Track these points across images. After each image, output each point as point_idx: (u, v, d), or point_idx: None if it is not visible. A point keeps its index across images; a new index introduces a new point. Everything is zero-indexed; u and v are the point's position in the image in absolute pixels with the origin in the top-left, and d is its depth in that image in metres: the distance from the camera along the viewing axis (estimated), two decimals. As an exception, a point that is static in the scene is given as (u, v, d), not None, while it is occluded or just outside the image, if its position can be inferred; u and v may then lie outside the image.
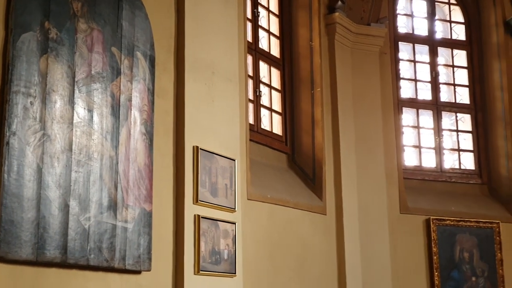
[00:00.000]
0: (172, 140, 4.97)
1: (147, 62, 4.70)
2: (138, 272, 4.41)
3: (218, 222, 5.15)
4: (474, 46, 9.15)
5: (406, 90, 8.83)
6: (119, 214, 4.24)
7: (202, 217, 4.97)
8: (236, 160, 5.43)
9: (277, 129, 7.34)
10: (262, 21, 7.31)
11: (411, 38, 9.00)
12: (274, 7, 7.58)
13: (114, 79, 4.37)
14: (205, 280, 4.92)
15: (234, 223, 5.32)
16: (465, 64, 9.18)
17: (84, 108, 4.11)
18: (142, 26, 4.69)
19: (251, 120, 6.67)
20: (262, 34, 7.29)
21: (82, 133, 4.07)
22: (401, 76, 8.76)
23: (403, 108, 8.67)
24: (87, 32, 4.21)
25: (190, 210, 4.91)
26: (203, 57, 5.27)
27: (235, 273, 5.23)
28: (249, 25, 6.84)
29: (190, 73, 5.12)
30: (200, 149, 5.06)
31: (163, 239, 4.71)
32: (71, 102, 4.03)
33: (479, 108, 9.02)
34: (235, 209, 5.35)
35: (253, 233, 5.99)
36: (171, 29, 5.11)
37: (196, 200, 4.96)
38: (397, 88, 8.54)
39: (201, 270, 4.87)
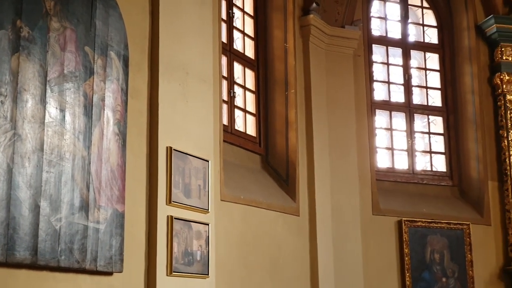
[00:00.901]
0: (145, 140, 4.95)
1: (121, 62, 4.67)
2: (109, 273, 4.38)
3: (191, 223, 5.14)
4: (446, 49, 9.26)
5: (379, 92, 8.90)
6: (91, 215, 4.21)
7: (175, 218, 4.95)
8: (209, 161, 5.42)
9: (251, 130, 7.34)
10: (237, 22, 7.31)
11: (385, 41, 9.08)
12: (249, 8, 7.59)
13: (87, 79, 4.34)
14: (178, 281, 4.91)
15: (207, 224, 5.31)
16: (437, 67, 9.29)
17: (56, 108, 4.07)
18: (116, 26, 4.66)
19: (225, 121, 6.66)
20: (237, 35, 7.29)
21: (54, 133, 4.03)
22: (374, 78, 8.82)
23: (376, 110, 8.74)
24: (60, 31, 4.16)
25: (163, 211, 4.89)
26: (177, 58, 5.26)
27: (207, 274, 5.22)
28: (224, 26, 6.83)
29: (164, 74, 5.10)
30: (174, 149, 5.04)
31: (135, 240, 4.68)
32: (43, 101, 3.98)
33: (451, 110, 9.13)
34: (208, 210, 5.34)
35: (226, 234, 5.99)
36: (146, 29, 5.08)
37: (169, 201, 4.94)
38: (370, 90, 8.60)
39: (174, 271, 4.85)
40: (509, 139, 8.67)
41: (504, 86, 8.78)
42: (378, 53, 9.02)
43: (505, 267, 8.54)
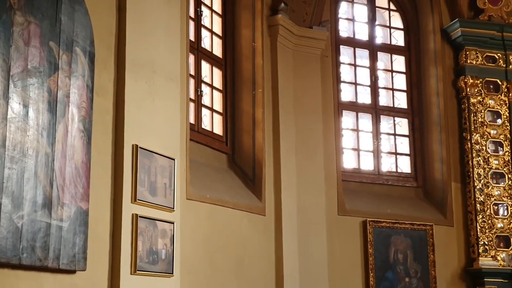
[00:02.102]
0: (111, 138, 4.90)
1: (87, 58, 4.61)
2: (72, 271, 4.33)
3: (156, 221, 5.11)
4: (412, 52, 9.37)
5: (346, 94, 8.96)
6: (54, 212, 4.15)
7: (140, 216, 4.91)
8: (175, 160, 5.39)
9: (218, 129, 7.33)
10: (205, 21, 7.29)
11: (352, 42, 9.15)
12: (217, 7, 7.57)
13: (52, 75, 4.27)
14: (142, 280, 4.87)
15: (173, 223, 5.28)
16: (404, 69, 9.39)
17: (19, 103, 4.00)
18: (82, 22, 4.60)
19: (191, 120, 6.64)
20: (204, 33, 7.26)
21: (17, 128, 3.96)
22: (341, 79, 8.88)
23: (343, 111, 8.80)
24: (24, 25, 4.10)
25: (128, 209, 4.85)
26: (144, 55, 5.22)
27: (172, 273, 5.20)
28: (191, 24, 6.81)
29: (130, 71, 5.05)
30: (140, 147, 5.00)
31: (99, 238, 4.64)
32: (6, 96, 3.91)
33: (416, 112, 9.24)
34: (173, 208, 5.31)
35: (192, 233, 5.97)
36: (112, 26, 5.03)
37: (134, 199, 4.90)
38: (337, 91, 8.66)
39: (138, 270, 4.82)
40: (472, 141, 8.81)
41: (468, 89, 8.91)
42: (345, 54, 9.09)
43: (467, 267, 8.68)
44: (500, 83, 9.07)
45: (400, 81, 9.38)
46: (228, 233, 6.60)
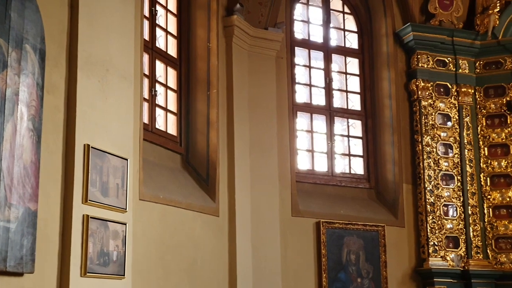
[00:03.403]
0: (62, 137, 4.82)
1: (37, 56, 4.51)
2: (20, 274, 4.23)
3: (108, 222, 5.03)
4: (366, 54, 9.48)
5: (300, 95, 9.01)
6: (1, 213, 4.04)
7: (91, 217, 4.83)
8: (128, 160, 5.33)
9: (172, 129, 7.28)
10: (160, 20, 7.23)
11: (307, 44, 9.21)
12: (172, 6, 7.52)
13: (0, 72, 4.17)
14: (92, 282, 4.80)
15: (125, 224, 5.21)
16: (357, 72, 9.50)
17: (-34, 101, 3.89)
18: (33, 18, 4.50)
19: (145, 120, 6.58)
20: (159, 33, 7.20)
21: (-37, 127, 3.85)
22: (296, 80, 8.92)
23: (297, 112, 8.85)
24: (-28, 21, 3.99)
25: (79, 210, 4.77)
26: (97, 54, 5.14)
27: (123, 275, 5.13)
28: (146, 23, 6.74)
29: (83, 70, 4.97)
30: (92, 147, 4.93)
31: (48, 240, 4.55)
32: (-48, 94, 3.80)
33: (369, 114, 9.35)
34: (126, 209, 5.24)
35: (144, 234, 5.91)
36: (64, 23, 4.94)
37: (85, 199, 4.82)
38: (292, 92, 8.70)
39: (88, 272, 4.74)
40: (423, 143, 8.96)
41: (420, 92, 9.07)
42: (300, 55, 9.14)
43: (417, 268, 8.82)
44: (450, 86, 9.25)
45: (354, 83, 9.48)
46: (181, 234, 6.56)
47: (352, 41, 9.56)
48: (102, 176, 5.01)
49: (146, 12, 6.77)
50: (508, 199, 9.02)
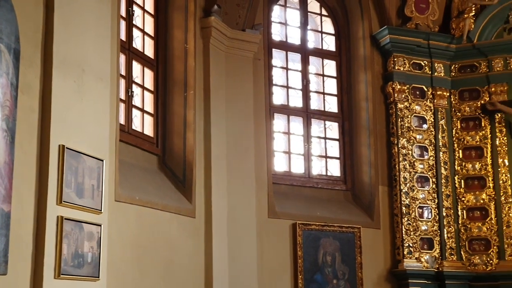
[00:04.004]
0: (36, 138, 4.77)
1: (11, 55, 4.47)
2: (-7, 276, 4.19)
3: (83, 223, 5.00)
4: (343, 57, 9.53)
5: (278, 97, 9.03)
6: (-27, 214, 4.00)
7: (65, 219, 4.79)
8: (104, 161, 5.29)
9: (149, 131, 7.25)
10: (137, 21, 7.20)
11: (284, 46, 9.23)
12: (149, 7, 7.49)
13: (-26, 72, 4.13)
14: (66, 284, 4.76)
15: (100, 225, 5.18)
16: (334, 74, 9.54)
17: None
18: (7, 18, 4.45)
19: (122, 121, 6.54)
20: (136, 33, 7.17)
21: None
22: (273, 82, 8.94)
23: (274, 114, 8.87)
24: None
25: (53, 211, 4.73)
26: (73, 54, 5.10)
27: (98, 277, 5.10)
28: (123, 23, 6.71)
29: (58, 70, 4.93)
30: (67, 148, 4.89)
31: (22, 241, 4.50)
32: None
33: (346, 117, 9.40)
34: (101, 210, 5.21)
35: (120, 236, 5.88)
36: (39, 23, 4.89)
37: (60, 200, 4.78)
38: (269, 94, 8.71)
39: (62, 274, 4.70)
40: (399, 146, 9.03)
41: (396, 94, 9.14)
42: (277, 57, 9.16)
43: (392, 269, 8.89)
44: (426, 89, 9.34)
45: (331, 86, 9.53)
46: (157, 235, 6.53)
47: (330, 44, 9.61)
48: (77, 177, 4.98)
49: (123, 13, 6.74)
50: (481, 201, 9.12)
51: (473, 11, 9.35)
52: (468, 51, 9.40)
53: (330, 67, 9.57)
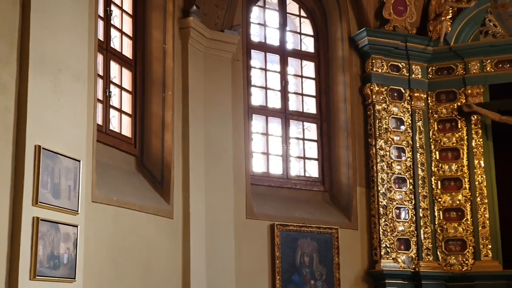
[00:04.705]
0: (12, 138, 4.72)
1: (-13, 54, 4.42)
2: (-33, 277, 4.14)
3: (59, 224, 4.95)
4: (322, 58, 9.57)
5: (256, 98, 9.04)
6: None
7: (41, 220, 4.74)
8: (81, 161, 5.25)
9: (126, 131, 7.21)
10: (115, 20, 7.16)
11: (263, 47, 9.24)
12: (127, 6, 7.45)
13: None
14: (42, 286, 4.71)
15: (76, 226, 5.14)
16: (313, 75, 9.58)
17: None
18: (-17, 16, 4.41)
19: (99, 121, 6.50)
20: (114, 33, 7.13)
21: None
22: (252, 83, 8.95)
23: (253, 115, 8.87)
24: None
25: (29, 212, 4.68)
26: (49, 53, 5.05)
27: (74, 278, 5.05)
28: (100, 23, 6.67)
29: (34, 69, 4.88)
30: (43, 148, 4.84)
31: (-3, 242, 4.46)
32: None
33: (324, 118, 9.43)
34: (78, 211, 5.17)
35: (96, 237, 5.84)
36: (15, 21, 4.84)
37: (35, 201, 4.73)
38: (248, 95, 8.72)
39: (38, 275, 4.65)
40: (377, 147, 9.09)
41: (374, 96, 9.20)
42: (256, 58, 9.17)
43: (369, 269, 8.94)
44: (403, 91, 9.42)
45: (310, 87, 9.56)
46: (135, 236, 6.50)
47: (308, 45, 9.64)
48: (53, 178, 4.93)
49: (101, 12, 6.70)
50: (457, 202, 9.22)
51: (450, 14, 9.44)
52: (445, 53, 9.49)
53: (309, 68, 9.60)
